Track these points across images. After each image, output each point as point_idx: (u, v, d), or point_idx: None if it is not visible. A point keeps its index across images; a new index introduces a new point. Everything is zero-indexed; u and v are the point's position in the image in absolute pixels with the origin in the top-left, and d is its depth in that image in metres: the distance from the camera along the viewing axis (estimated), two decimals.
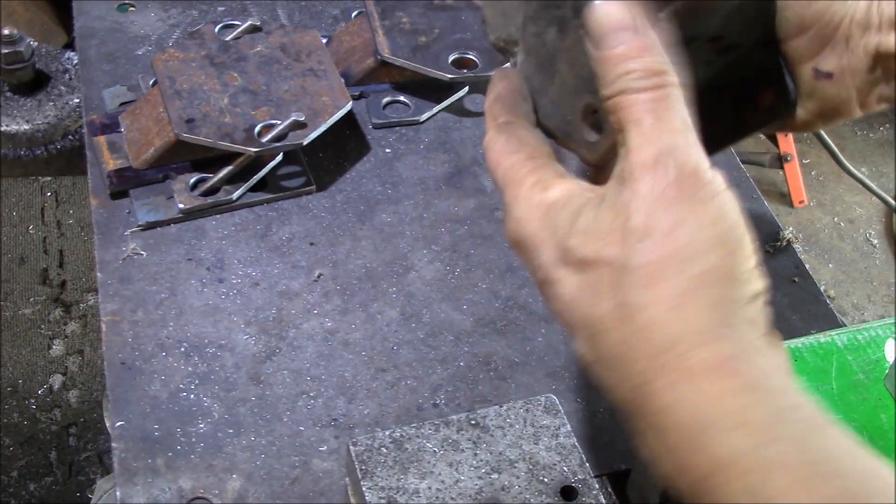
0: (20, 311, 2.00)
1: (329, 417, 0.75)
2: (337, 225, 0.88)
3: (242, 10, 1.06)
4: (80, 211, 2.17)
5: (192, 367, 0.77)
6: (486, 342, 0.81)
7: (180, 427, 0.73)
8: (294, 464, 0.72)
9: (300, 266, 0.85)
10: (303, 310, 0.82)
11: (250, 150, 0.84)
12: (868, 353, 0.72)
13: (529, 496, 0.59)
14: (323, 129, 0.86)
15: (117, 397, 0.74)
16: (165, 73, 0.88)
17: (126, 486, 0.69)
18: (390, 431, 0.62)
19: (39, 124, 1.23)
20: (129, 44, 1.02)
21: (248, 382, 0.76)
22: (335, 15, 1.08)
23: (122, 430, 0.72)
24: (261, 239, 0.86)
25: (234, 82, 0.88)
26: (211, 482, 0.70)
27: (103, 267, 0.82)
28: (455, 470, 0.60)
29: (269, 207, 0.89)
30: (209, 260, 0.84)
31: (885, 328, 0.73)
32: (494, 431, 0.62)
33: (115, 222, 0.85)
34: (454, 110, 1.00)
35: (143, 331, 0.78)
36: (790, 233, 0.93)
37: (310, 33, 0.95)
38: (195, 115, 0.84)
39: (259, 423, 0.74)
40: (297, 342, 0.79)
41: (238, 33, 0.93)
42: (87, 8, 1.05)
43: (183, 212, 0.86)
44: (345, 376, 0.78)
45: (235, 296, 0.82)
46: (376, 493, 0.59)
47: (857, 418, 0.68)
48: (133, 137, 0.88)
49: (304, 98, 0.88)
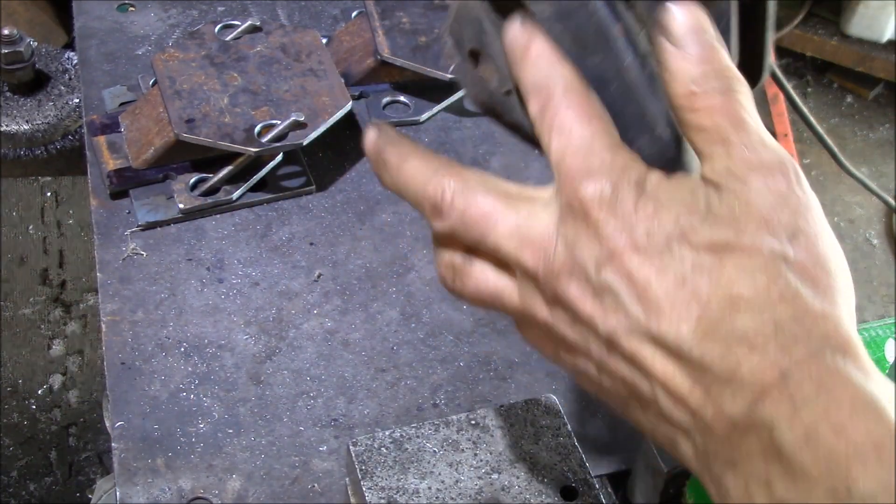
0: (20, 311, 2.00)
1: (329, 417, 0.75)
2: (337, 225, 0.89)
3: (242, 10, 1.06)
4: (80, 211, 2.17)
5: (191, 367, 0.77)
6: (486, 342, 0.81)
7: (180, 427, 0.73)
8: (294, 464, 0.72)
9: (300, 266, 0.85)
10: (303, 310, 0.82)
11: (250, 150, 0.84)
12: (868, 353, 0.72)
13: (529, 496, 0.59)
14: (323, 129, 0.86)
15: (117, 397, 0.74)
16: (165, 73, 0.88)
17: (126, 486, 0.69)
18: (390, 431, 0.62)
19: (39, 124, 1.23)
20: (129, 44, 1.02)
21: (248, 382, 0.76)
22: (335, 15, 1.08)
23: (122, 430, 0.72)
24: (261, 239, 0.86)
25: (234, 82, 0.88)
26: (211, 482, 0.70)
27: (103, 267, 0.82)
28: (455, 470, 0.60)
29: (269, 207, 0.89)
30: (209, 260, 0.84)
31: (885, 328, 0.73)
32: (494, 431, 0.62)
33: (115, 222, 0.85)
34: (454, 110, 1.00)
35: (143, 331, 0.78)
36: None
37: (310, 33, 0.95)
38: (195, 115, 0.84)
39: (259, 423, 0.74)
40: (297, 342, 0.79)
41: (238, 33, 0.93)
42: (87, 8, 1.05)
43: (183, 212, 0.86)
44: (345, 376, 0.78)
45: (235, 296, 0.82)
46: (376, 493, 0.59)
47: None
48: (133, 137, 0.88)
49: (304, 98, 0.88)
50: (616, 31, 0.44)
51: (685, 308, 0.39)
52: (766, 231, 0.40)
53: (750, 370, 0.37)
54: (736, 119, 0.41)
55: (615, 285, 0.40)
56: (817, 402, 0.36)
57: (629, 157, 0.42)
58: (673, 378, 0.39)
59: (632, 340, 0.40)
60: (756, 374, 0.37)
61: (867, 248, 2.42)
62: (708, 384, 0.38)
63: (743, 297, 0.38)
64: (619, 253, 0.40)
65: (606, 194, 0.41)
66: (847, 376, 0.37)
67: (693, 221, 0.40)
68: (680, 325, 0.39)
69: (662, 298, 0.39)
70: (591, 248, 0.41)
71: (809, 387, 0.37)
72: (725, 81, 0.42)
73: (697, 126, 0.42)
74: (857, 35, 2.58)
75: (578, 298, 0.42)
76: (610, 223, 0.40)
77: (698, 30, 0.42)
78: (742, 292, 0.38)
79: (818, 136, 0.91)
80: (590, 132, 0.42)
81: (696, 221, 0.40)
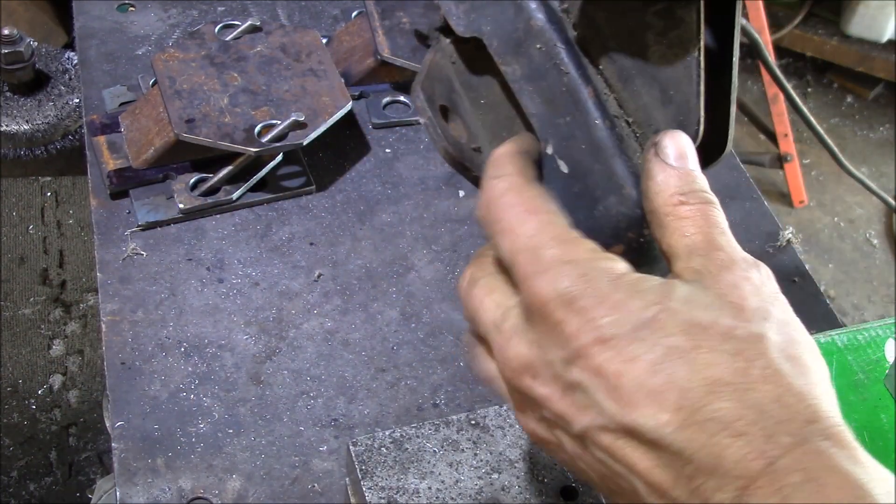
0: (20, 311, 2.00)
1: (329, 417, 0.75)
2: (337, 225, 0.88)
3: (242, 10, 1.06)
4: (80, 211, 2.17)
5: (192, 367, 0.77)
6: None
7: (180, 427, 0.73)
8: (294, 464, 0.72)
9: (300, 266, 0.85)
10: (303, 310, 0.82)
11: (250, 150, 0.84)
12: (868, 353, 0.72)
13: (529, 496, 0.59)
14: (323, 129, 0.86)
15: (117, 397, 0.74)
16: (165, 73, 0.88)
17: (126, 486, 0.69)
18: (390, 431, 0.62)
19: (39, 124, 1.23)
20: (129, 44, 1.02)
21: (248, 382, 0.76)
22: (335, 15, 1.08)
23: (122, 430, 0.72)
24: (261, 239, 0.86)
25: (234, 82, 0.88)
26: (211, 482, 0.70)
27: (103, 267, 0.82)
28: (455, 470, 0.60)
29: (269, 207, 0.89)
30: (209, 260, 0.84)
31: (885, 328, 0.73)
32: (494, 431, 0.62)
33: (115, 222, 0.85)
34: None
35: (143, 331, 0.78)
36: (790, 233, 0.93)
37: (310, 33, 0.95)
38: (195, 115, 0.84)
39: (259, 423, 0.74)
40: (297, 342, 0.79)
41: (238, 33, 0.93)
42: (87, 8, 1.05)
43: (183, 212, 0.86)
44: (345, 376, 0.78)
45: (235, 296, 0.82)
46: (376, 493, 0.59)
47: (857, 418, 0.68)
48: (133, 137, 0.88)
49: (304, 98, 0.88)
50: (586, 93, 0.45)
51: (661, 396, 0.37)
52: (742, 315, 0.39)
53: (735, 459, 0.36)
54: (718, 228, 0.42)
55: (584, 381, 0.39)
56: (805, 491, 0.35)
57: (582, 248, 0.42)
58: (653, 471, 0.38)
59: (607, 436, 0.39)
60: (741, 464, 0.36)
61: (867, 248, 2.42)
62: (690, 475, 0.37)
63: (723, 380, 0.37)
64: (585, 348, 0.39)
65: (562, 289, 0.40)
66: (835, 463, 0.36)
67: (664, 309, 0.39)
68: (657, 415, 0.37)
69: (636, 389, 0.38)
70: (556, 348, 0.40)
71: (797, 476, 0.35)
72: (706, 197, 0.43)
73: (681, 231, 0.42)
74: (857, 35, 2.58)
75: (548, 398, 0.41)
76: (572, 321, 0.40)
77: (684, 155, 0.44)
78: (722, 375, 0.37)
79: (818, 136, 0.91)
80: (535, 227, 0.42)
81: (667, 309, 0.39)
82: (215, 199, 0.87)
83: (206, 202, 0.86)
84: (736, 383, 0.37)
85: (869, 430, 0.68)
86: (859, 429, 0.67)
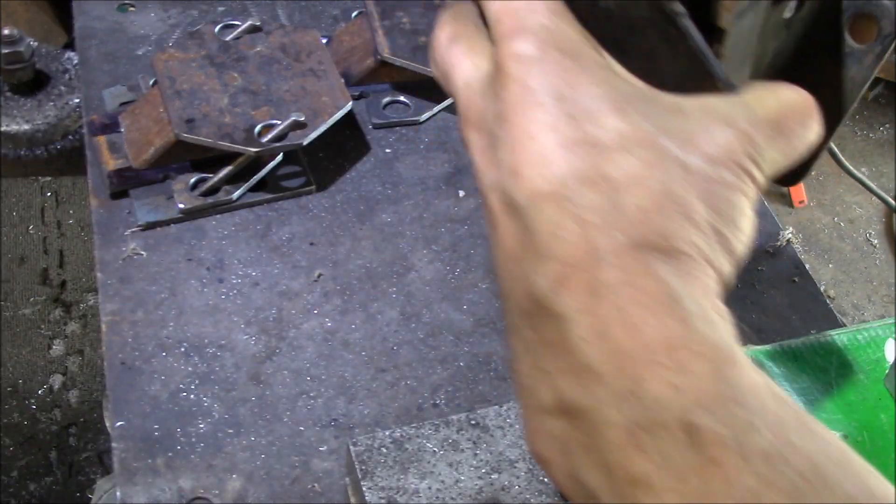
0: (20, 311, 2.00)
1: (329, 417, 0.75)
2: (337, 225, 0.89)
3: (242, 10, 1.06)
4: (80, 211, 2.17)
5: (192, 367, 0.77)
6: (486, 342, 0.81)
7: (180, 427, 0.73)
8: (294, 464, 0.72)
9: (300, 266, 0.85)
10: (303, 310, 0.82)
11: (250, 150, 0.84)
12: (868, 353, 0.72)
13: (529, 496, 0.59)
14: (323, 129, 0.86)
15: (117, 397, 0.74)
16: (165, 73, 0.88)
17: (126, 486, 0.69)
18: (390, 431, 0.62)
19: (39, 124, 1.23)
20: (129, 44, 1.02)
21: (248, 382, 0.76)
22: (335, 15, 1.08)
23: (122, 430, 0.72)
24: (261, 239, 0.86)
25: (234, 82, 0.88)
26: (211, 482, 0.70)
27: (103, 267, 0.82)
28: (455, 470, 0.60)
29: (269, 207, 0.89)
30: (209, 260, 0.84)
31: (885, 328, 0.73)
32: (494, 431, 0.62)
33: (115, 222, 0.85)
34: (454, 110, 1.00)
35: (143, 331, 0.78)
36: (790, 233, 0.93)
37: (310, 33, 0.95)
38: (195, 115, 0.84)
39: (259, 423, 0.74)
40: (297, 342, 0.79)
41: (238, 33, 0.93)
42: (87, 8, 1.05)
43: (183, 212, 0.86)
44: (345, 376, 0.78)
45: (235, 296, 0.82)
46: (376, 493, 0.59)
47: (857, 418, 0.68)
48: (133, 137, 0.88)
49: (304, 98, 0.88)
50: None
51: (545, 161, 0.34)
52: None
53: (564, 244, 0.33)
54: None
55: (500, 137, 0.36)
56: (619, 295, 0.32)
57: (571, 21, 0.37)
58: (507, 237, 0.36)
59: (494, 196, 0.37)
60: (565, 248, 0.33)
61: (867, 248, 2.43)
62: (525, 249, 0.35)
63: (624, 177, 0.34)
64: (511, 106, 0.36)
65: (521, 51, 0.36)
66: (656, 272, 0.33)
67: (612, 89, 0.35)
68: (534, 177, 0.34)
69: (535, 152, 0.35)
70: (494, 102, 0.37)
71: (616, 275, 0.33)
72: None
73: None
74: None
75: (477, 150, 0.38)
76: (514, 83, 0.36)
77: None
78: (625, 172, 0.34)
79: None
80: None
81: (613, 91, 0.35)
82: (215, 199, 0.87)
83: (206, 202, 0.86)
84: (610, 180, 0.34)
85: (869, 431, 0.68)
86: (859, 429, 0.67)
